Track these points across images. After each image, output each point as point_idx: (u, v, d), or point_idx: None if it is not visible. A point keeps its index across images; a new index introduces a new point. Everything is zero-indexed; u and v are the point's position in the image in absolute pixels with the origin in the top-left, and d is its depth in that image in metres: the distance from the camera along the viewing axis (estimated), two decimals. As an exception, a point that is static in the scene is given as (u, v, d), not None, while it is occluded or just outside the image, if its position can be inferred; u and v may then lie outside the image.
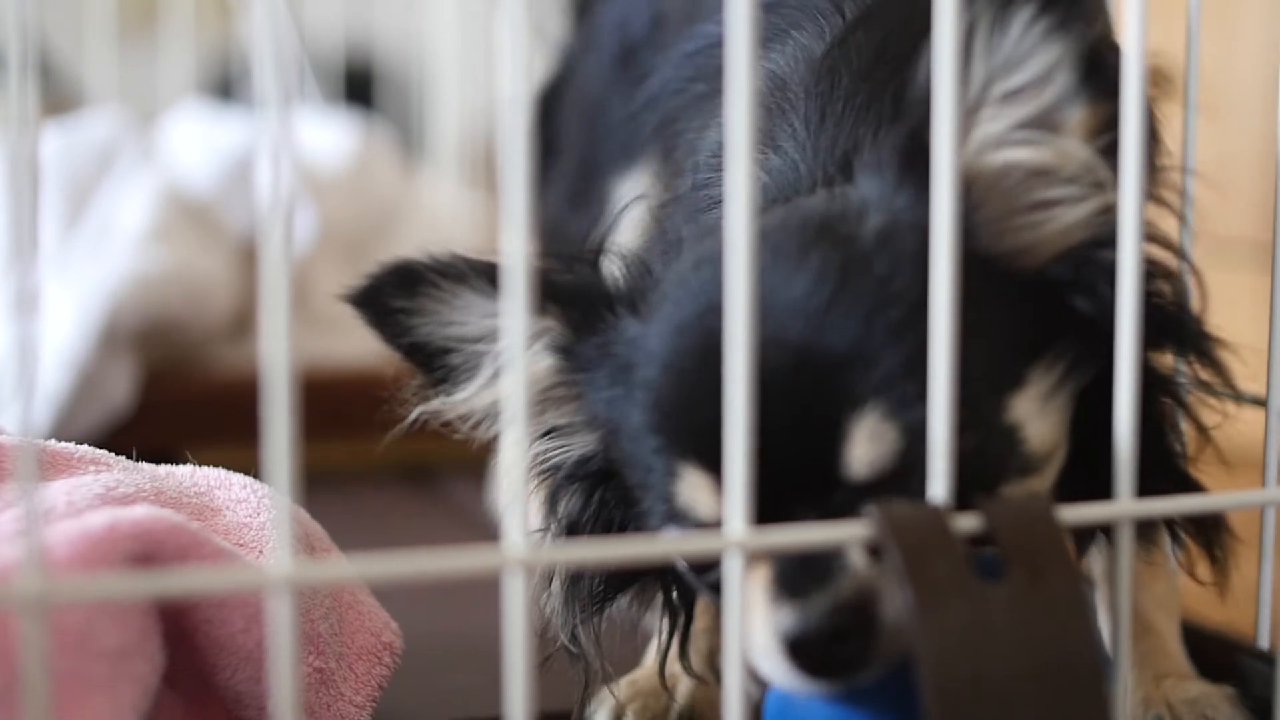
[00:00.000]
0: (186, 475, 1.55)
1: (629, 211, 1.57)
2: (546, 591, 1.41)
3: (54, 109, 3.34)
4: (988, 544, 1.17)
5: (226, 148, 2.89)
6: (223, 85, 4.38)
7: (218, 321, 2.69)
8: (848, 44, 1.44)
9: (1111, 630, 1.27)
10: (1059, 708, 1.13)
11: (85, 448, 1.53)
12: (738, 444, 1.14)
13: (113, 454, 1.54)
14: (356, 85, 4.21)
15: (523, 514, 1.14)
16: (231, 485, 1.53)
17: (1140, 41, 1.22)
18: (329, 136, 3.09)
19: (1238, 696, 1.43)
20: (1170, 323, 1.30)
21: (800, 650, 1.18)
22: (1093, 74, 1.25)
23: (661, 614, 1.46)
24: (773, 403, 1.16)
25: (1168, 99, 1.37)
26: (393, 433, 1.39)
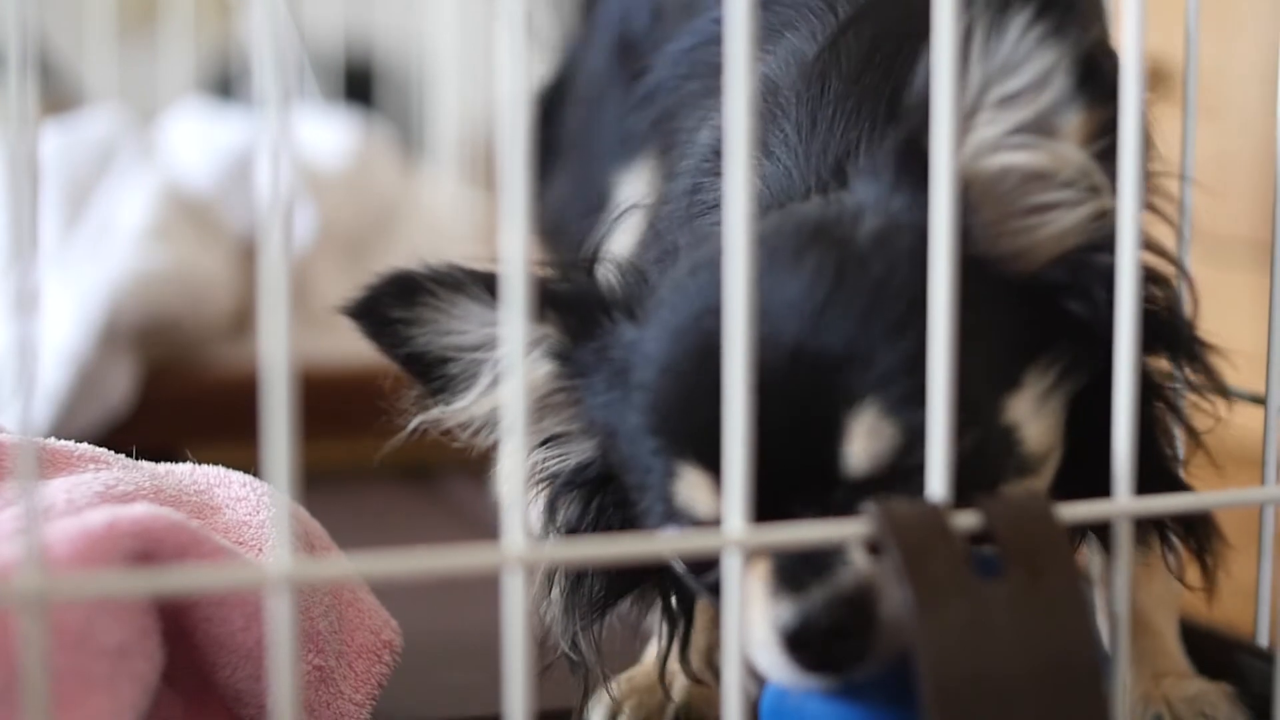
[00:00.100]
0: (186, 473, 1.55)
1: (625, 217, 1.57)
2: (546, 599, 1.41)
3: (54, 107, 3.34)
4: (987, 542, 1.17)
5: (226, 146, 2.89)
6: (222, 84, 4.38)
7: (217, 320, 2.68)
8: (838, 46, 1.44)
9: (1110, 628, 1.27)
10: (1058, 706, 1.13)
11: (85, 446, 1.53)
12: (736, 443, 1.14)
13: (112, 452, 1.54)
14: (356, 84, 4.21)
15: (522, 513, 1.14)
16: (231, 483, 1.53)
17: (1139, 42, 1.22)
18: (329, 135, 3.09)
19: (1237, 694, 1.44)
20: (1163, 328, 1.30)
21: (799, 644, 1.18)
22: (1089, 78, 1.25)
23: (661, 618, 1.46)
24: (770, 401, 1.16)
25: (1166, 99, 1.37)
26: (393, 441, 1.40)
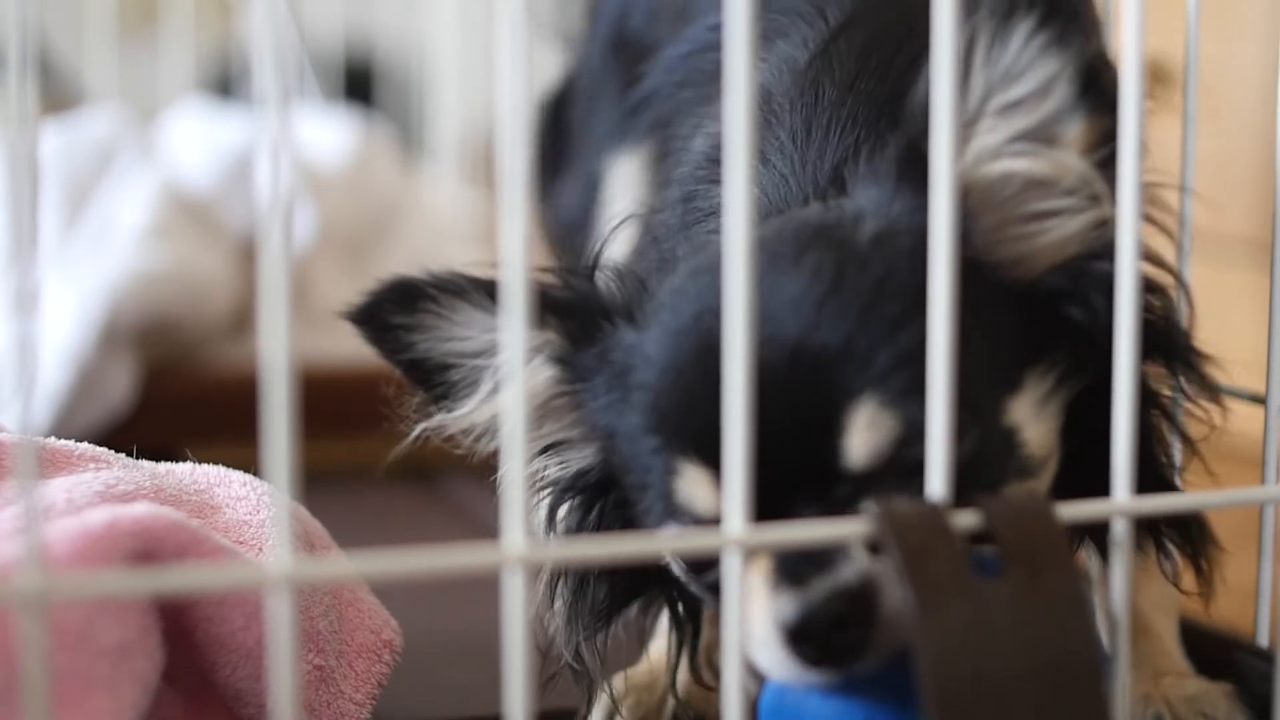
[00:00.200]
0: (186, 473, 1.55)
1: (623, 226, 1.57)
2: (550, 610, 1.41)
3: (54, 107, 3.34)
4: (987, 542, 1.17)
5: (226, 146, 2.89)
6: (222, 83, 4.38)
7: (217, 319, 2.68)
8: (830, 53, 1.45)
9: (1110, 628, 1.27)
10: (1058, 706, 1.13)
11: (85, 445, 1.53)
12: (736, 442, 1.14)
13: (112, 452, 1.54)
14: (356, 83, 4.21)
15: (523, 513, 1.14)
16: (231, 483, 1.53)
17: (1139, 42, 1.22)
18: (329, 134, 3.09)
19: (1236, 693, 1.44)
20: (1160, 336, 1.30)
21: (800, 638, 1.18)
22: (1091, 88, 1.25)
23: (670, 628, 1.46)
24: (770, 398, 1.16)
25: (1167, 100, 1.37)
26: (397, 448, 1.40)
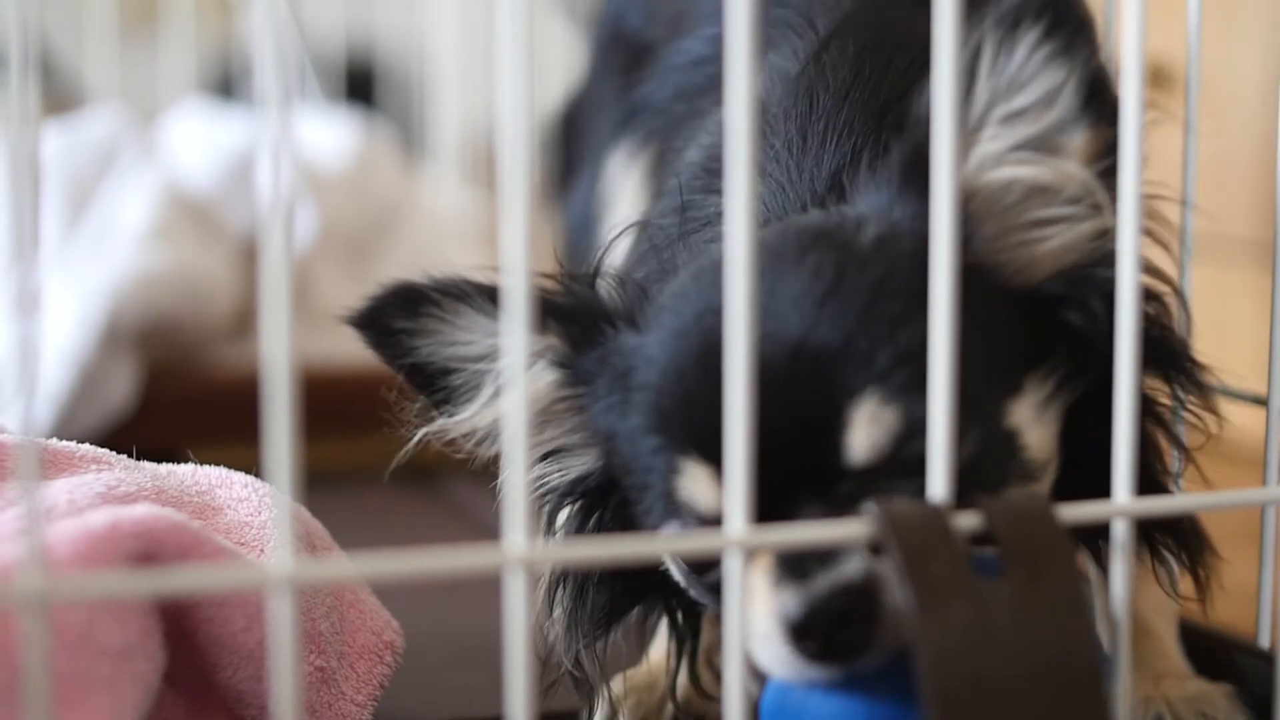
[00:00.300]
0: (188, 474, 1.55)
1: (624, 234, 1.58)
2: (549, 618, 1.41)
3: (55, 108, 3.34)
4: (988, 543, 1.17)
5: (227, 146, 2.89)
6: (223, 84, 4.38)
7: (219, 320, 2.69)
8: (822, 61, 1.45)
9: (1111, 630, 1.27)
10: (1059, 706, 1.13)
11: (87, 446, 1.53)
12: (738, 442, 1.14)
13: (114, 453, 1.54)
14: (357, 84, 4.22)
15: (524, 514, 1.14)
16: (233, 484, 1.53)
17: (1140, 44, 1.22)
18: (330, 135, 3.09)
19: (1237, 694, 1.44)
20: (1156, 346, 1.30)
21: (804, 633, 1.18)
22: (1094, 99, 1.26)
23: (669, 635, 1.46)
24: (771, 396, 1.16)
25: (1168, 107, 1.38)
26: (401, 453, 1.40)
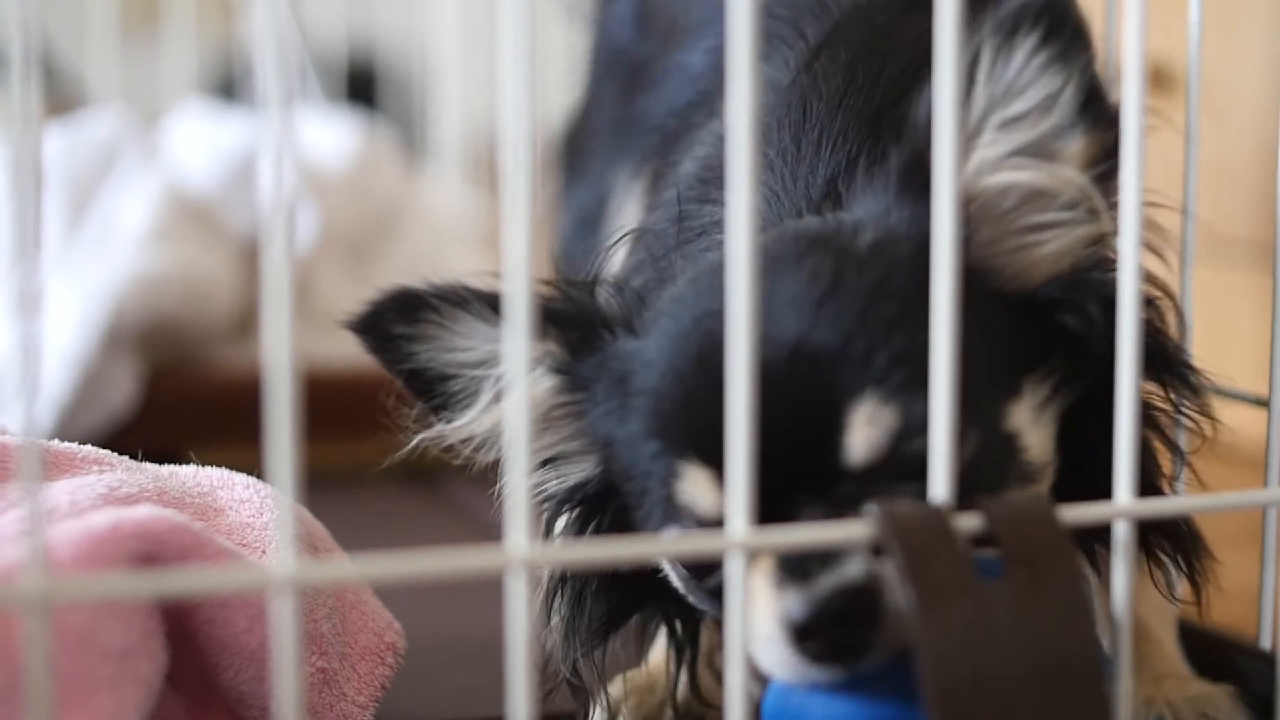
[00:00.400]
0: (189, 475, 1.55)
1: (621, 244, 1.59)
2: (547, 627, 1.41)
3: (56, 109, 3.34)
4: (989, 544, 1.17)
5: (229, 148, 2.89)
6: (225, 85, 4.38)
7: (220, 321, 2.69)
8: (814, 70, 1.46)
9: (1112, 631, 1.27)
10: (1060, 707, 1.13)
11: (88, 448, 1.53)
12: (739, 444, 1.14)
13: (116, 454, 1.54)
14: (359, 85, 4.22)
15: (525, 515, 1.14)
16: (234, 485, 1.53)
17: (1141, 44, 1.23)
18: (331, 136, 3.09)
19: (1238, 695, 1.44)
20: (1150, 350, 1.29)
21: (807, 635, 1.18)
22: (1091, 104, 1.26)
23: (668, 645, 1.47)
24: (770, 399, 1.16)
25: (1168, 110, 1.38)
26: (398, 454, 1.40)
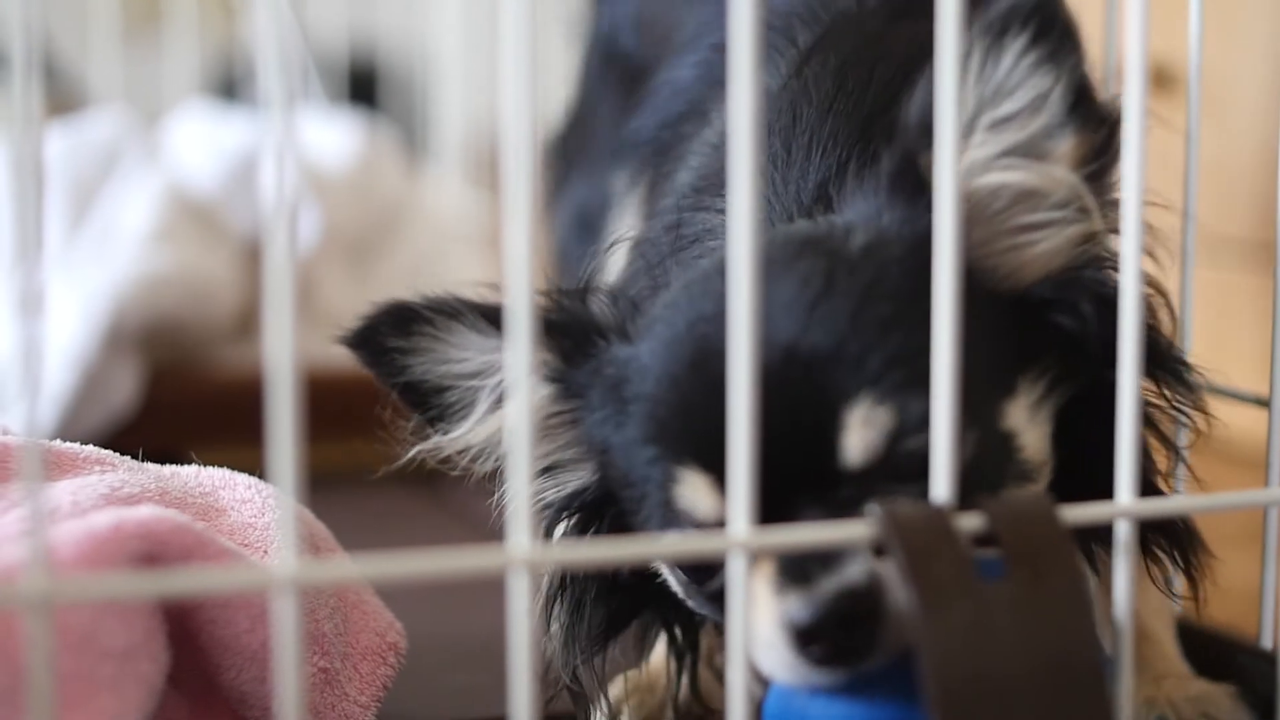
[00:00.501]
0: (191, 475, 1.55)
1: (616, 252, 1.59)
2: (547, 634, 1.41)
3: (58, 109, 3.34)
4: (990, 544, 1.17)
5: (231, 148, 2.89)
6: (227, 85, 4.39)
7: (222, 322, 2.69)
8: (804, 76, 1.46)
9: (1113, 631, 1.27)
10: (1061, 707, 1.13)
11: (90, 448, 1.54)
12: (741, 444, 1.14)
13: (117, 454, 1.54)
14: (360, 85, 4.22)
15: (527, 515, 1.14)
16: (236, 485, 1.54)
17: (1143, 44, 1.23)
18: (333, 137, 3.09)
19: (1239, 694, 1.44)
20: (1145, 348, 1.30)
21: (808, 638, 1.18)
22: (1081, 104, 1.27)
23: (668, 653, 1.47)
24: (767, 402, 1.16)
25: (1168, 109, 1.38)
26: (398, 459, 1.40)
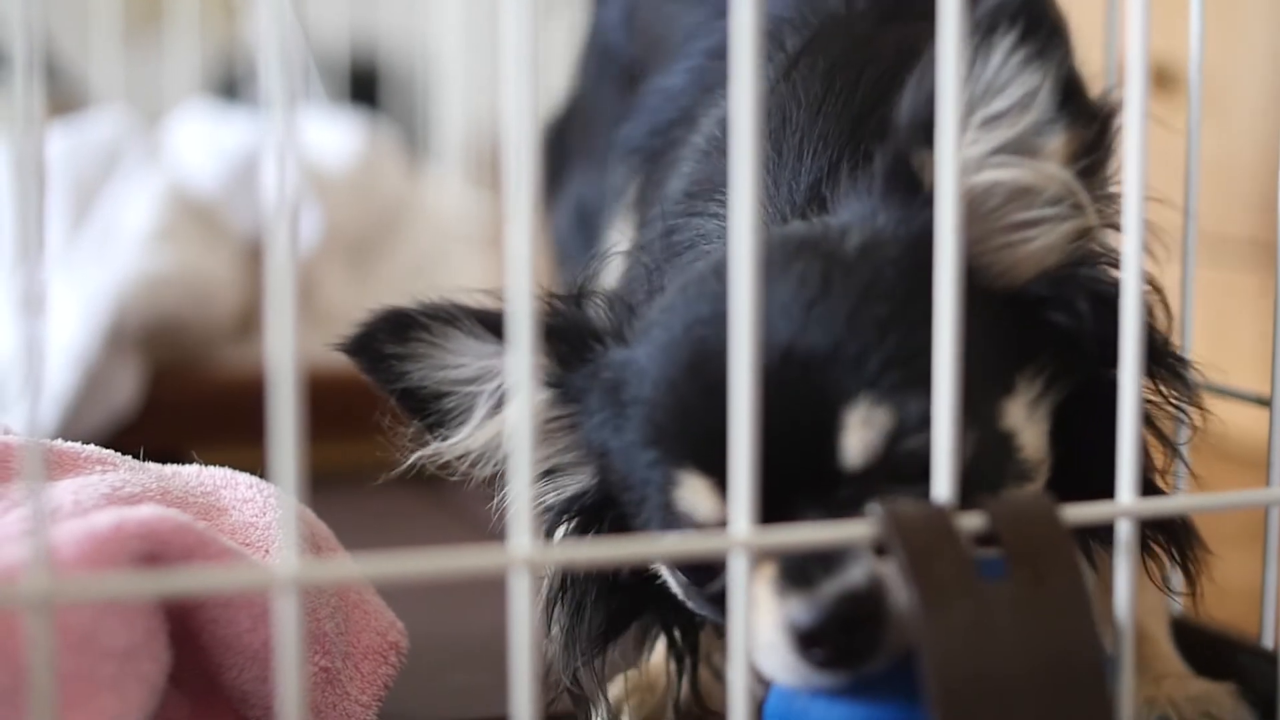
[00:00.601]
0: (193, 475, 1.55)
1: (611, 258, 1.59)
2: (547, 636, 1.41)
3: (59, 109, 3.35)
4: (991, 544, 1.17)
5: (232, 148, 2.89)
6: (228, 85, 4.39)
7: (223, 321, 2.69)
8: (793, 79, 1.47)
9: (1114, 630, 1.27)
10: (1062, 706, 1.13)
11: (92, 447, 1.54)
12: (742, 444, 1.14)
13: (119, 454, 1.54)
14: (361, 85, 4.22)
15: (528, 515, 1.14)
16: (237, 485, 1.54)
17: (1144, 43, 1.23)
18: (334, 136, 3.10)
19: (1240, 693, 1.44)
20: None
21: (810, 641, 1.18)
22: (1071, 100, 1.27)
23: (668, 656, 1.47)
24: (766, 403, 1.16)
25: (1168, 108, 1.38)
26: (398, 461, 1.40)
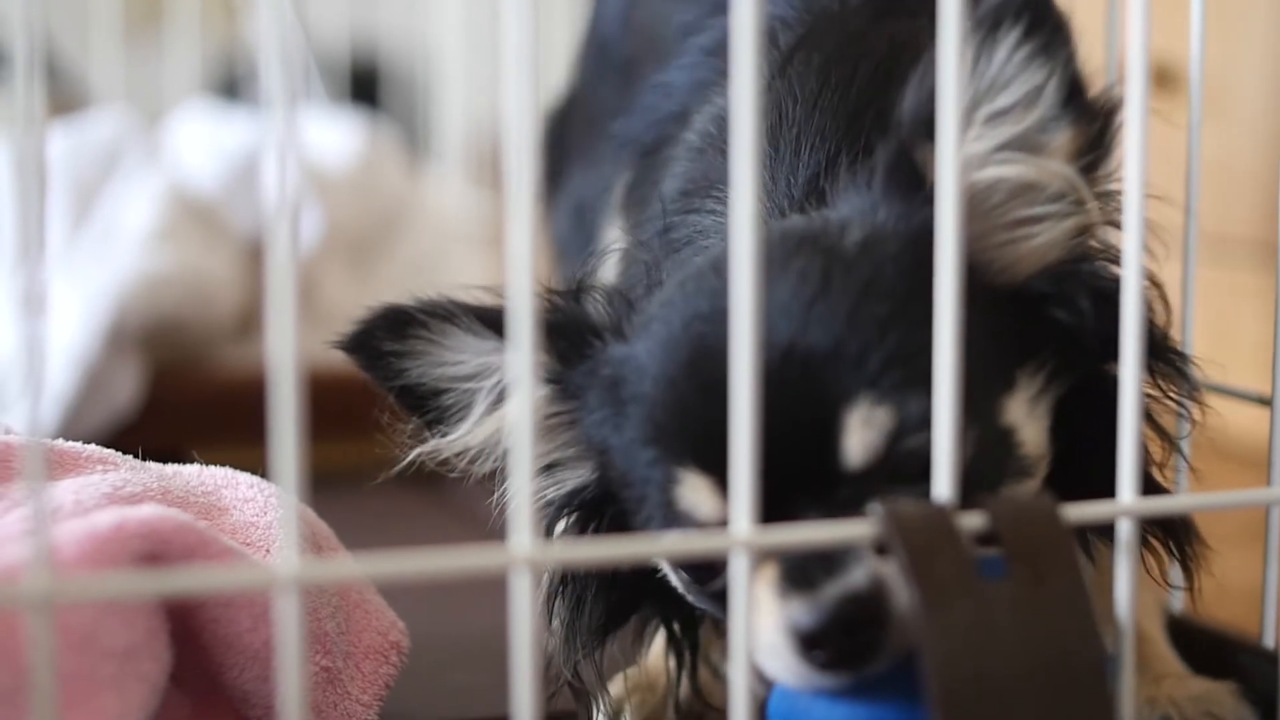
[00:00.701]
0: (193, 474, 1.55)
1: (609, 256, 1.59)
2: (547, 630, 1.41)
3: (60, 109, 3.35)
4: (992, 543, 1.17)
5: (232, 148, 2.89)
6: (228, 85, 4.39)
7: (223, 321, 2.69)
8: (788, 74, 1.46)
9: (1114, 630, 1.27)
10: (1062, 706, 1.13)
11: (93, 447, 1.54)
12: (743, 443, 1.14)
13: (120, 453, 1.54)
14: (362, 84, 4.22)
15: (529, 514, 1.14)
16: (238, 484, 1.54)
17: (1145, 42, 1.23)
18: (334, 136, 3.10)
19: (1241, 692, 1.44)
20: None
21: (812, 643, 1.18)
22: (1075, 97, 1.27)
23: (667, 651, 1.47)
24: (767, 401, 1.16)
25: (1169, 106, 1.38)
26: (399, 461, 1.40)
